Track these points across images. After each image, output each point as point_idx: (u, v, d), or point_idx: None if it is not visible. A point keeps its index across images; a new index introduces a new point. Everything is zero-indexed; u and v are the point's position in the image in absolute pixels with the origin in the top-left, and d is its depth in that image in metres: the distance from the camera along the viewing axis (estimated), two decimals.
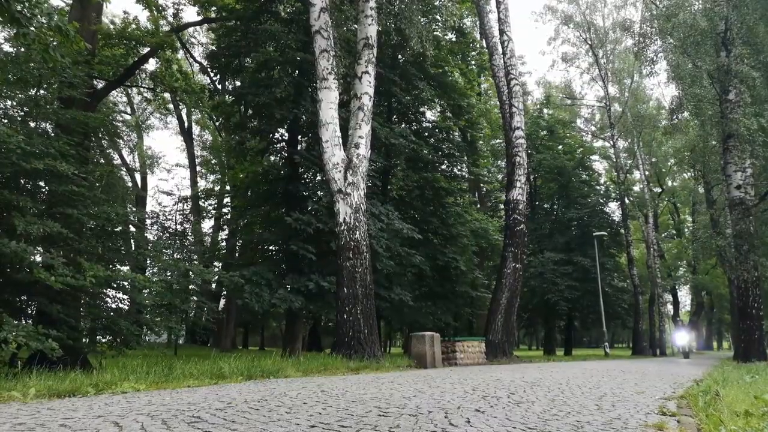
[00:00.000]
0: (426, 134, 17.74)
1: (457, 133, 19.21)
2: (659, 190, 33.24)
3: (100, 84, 12.43)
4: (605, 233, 24.67)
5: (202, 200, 24.16)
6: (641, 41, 18.83)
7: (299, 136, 14.91)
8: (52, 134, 8.60)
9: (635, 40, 20.29)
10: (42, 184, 8.54)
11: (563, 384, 4.33)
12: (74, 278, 6.84)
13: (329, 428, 1.92)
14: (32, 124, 8.99)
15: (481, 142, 22.07)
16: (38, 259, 7.08)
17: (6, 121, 8.60)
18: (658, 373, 6.98)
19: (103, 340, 9.19)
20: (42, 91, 9.40)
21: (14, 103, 8.96)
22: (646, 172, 28.76)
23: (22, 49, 8.57)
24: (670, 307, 37.04)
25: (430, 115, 19.44)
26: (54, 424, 1.88)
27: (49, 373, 4.15)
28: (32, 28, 5.72)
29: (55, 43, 6.24)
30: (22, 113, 8.96)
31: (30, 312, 8.42)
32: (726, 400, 3.47)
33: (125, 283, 8.84)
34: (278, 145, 15.57)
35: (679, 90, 15.98)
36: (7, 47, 11.06)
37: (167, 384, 3.66)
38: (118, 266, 9.80)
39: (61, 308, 7.38)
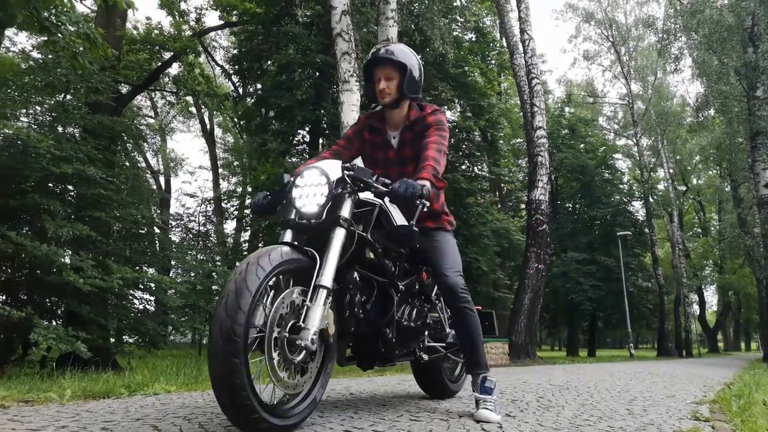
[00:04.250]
0: None
1: (476, 133, 19.14)
2: (684, 188, 32.70)
3: (125, 88, 12.66)
4: (629, 233, 24.32)
5: (225, 202, 24.41)
6: (665, 38, 18.57)
7: (320, 138, 15.02)
8: (80, 139, 8.78)
9: (659, 37, 20.00)
10: (70, 187, 8.72)
11: (591, 387, 4.29)
12: (103, 280, 6.99)
13: None
14: (60, 129, 9.19)
15: (501, 141, 21.95)
16: (67, 261, 7.23)
17: (36, 126, 8.80)
18: (686, 376, 6.87)
19: (131, 341, 9.37)
20: (69, 97, 9.60)
21: (43, 109, 9.16)
22: (671, 170, 28.29)
23: (50, 56, 8.77)
24: (696, 307, 36.41)
25: (450, 115, 19.39)
26: (95, 428, 1.93)
27: (82, 374, 4.24)
28: (59, 35, 5.83)
29: (81, 50, 6.36)
30: (50, 118, 9.16)
31: (59, 313, 8.61)
32: (760, 404, 3.41)
33: (151, 285, 9.01)
34: (299, 147, 15.69)
35: (705, 87, 15.71)
36: (35, 54, 11.34)
37: (197, 386, 3.71)
38: (145, 268, 9.97)
39: (91, 309, 7.54)
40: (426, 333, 2.83)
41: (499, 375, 5.85)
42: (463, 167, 18.40)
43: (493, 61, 21.20)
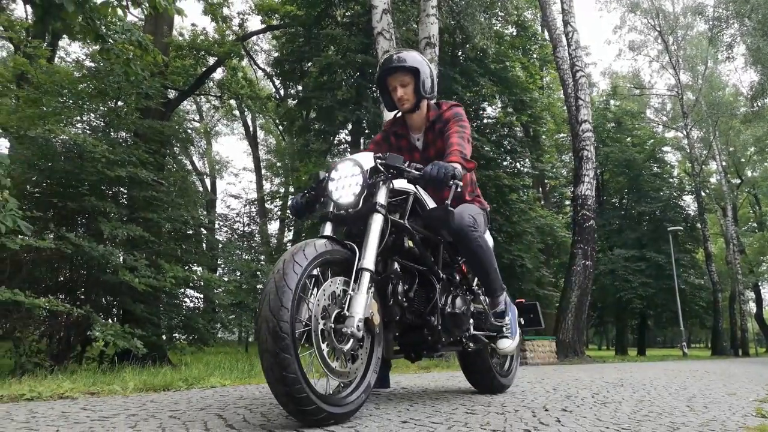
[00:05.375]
0: (487, 131, 17.52)
1: (518, 129, 18.85)
2: (738, 181, 31.37)
3: (172, 94, 13.06)
4: (680, 228, 23.50)
5: (268, 202, 24.84)
6: (716, 25, 17.88)
7: (361, 138, 15.11)
8: (131, 143, 9.11)
9: (709, 25, 19.25)
10: (123, 190, 9.06)
11: (647, 384, 4.18)
12: (156, 279, 7.23)
13: (421, 423, 1.95)
14: (113, 134, 9.55)
15: (544, 137, 21.58)
16: (121, 260, 7.50)
17: (90, 132, 9.18)
18: (745, 374, 6.61)
19: (182, 338, 9.67)
20: (120, 103, 9.96)
21: (97, 115, 9.54)
22: (724, 163, 27.25)
23: (101, 64, 9.13)
24: (752, 305, 34.95)
25: (491, 110, 19.19)
26: (164, 416, 2.00)
27: (141, 369, 4.41)
28: (111, 41, 6.04)
29: (131, 56, 6.59)
30: (103, 124, 9.54)
31: (115, 312, 8.95)
32: None
33: (201, 283, 9.27)
34: (341, 147, 15.82)
35: (760, 75, 15.06)
36: (88, 63, 11.82)
37: (251, 379, 3.80)
38: (194, 267, 10.26)
39: (145, 307, 7.81)
40: (471, 321, 2.80)
41: (547, 372, 5.77)
42: (506, 163, 18.15)
43: (534, 55, 20.86)
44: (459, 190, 2.20)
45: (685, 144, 26.97)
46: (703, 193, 25.34)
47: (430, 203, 2.55)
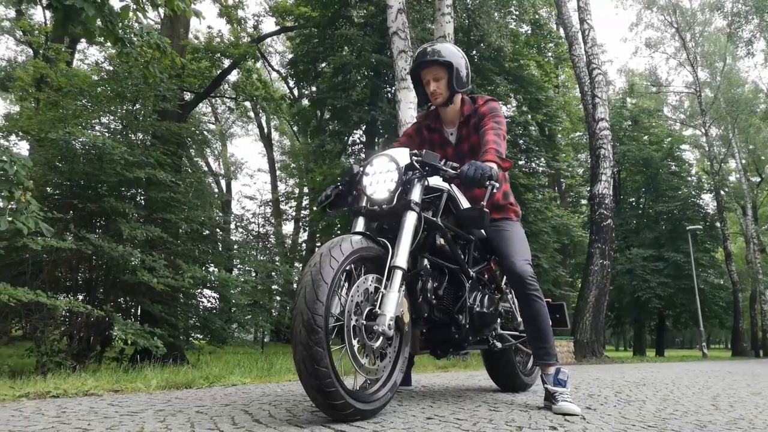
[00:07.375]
0: None
1: (533, 128, 18.74)
2: (758, 179, 30.87)
3: (188, 96, 13.16)
4: (699, 227, 23.15)
5: (283, 203, 24.94)
6: (735, 21, 17.62)
7: (376, 138, 15.13)
8: (150, 145, 9.19)
9: (728, 21, 18.96)
10: (141, 191, 9.14)
11: (670, 384, 4.13)
12: (174, 279, 7.29)
13: (445, 420, 1.94)
14: (132, 137, 9.65)
15: (560, 135, 21.44)
16: (138, 261, 7.55)
17: (108, 134, 9.28)
18: None
19: (200, 337, 9.73)
20: (137, 106, 10.06)
21: (115, 118, 9.65)
22: (743, 161, 26.84)
23: (120, 67, 9.22)
24: None
25: (506, 110, 19.10)
26: (191, 411, 2.02)
27: (162, 367, 4.45)
28: (129, 44, 6.10)
29: (149, 59, 6.63)
30: (120, 126, 9.64)
31: (134, 312, 9.02)
32: None
33: (217, 283, 9.32)
34: (355, 147, 15.85)
35: None
36: (106, 65, 11.96)
37: (270, 378, 3.82)
38: (211, 267, 10.32)
39: (163, 307, 7.88)
40: (498, 321, 2.79)
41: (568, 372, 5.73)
42: (521, 162, 18.06)
43: (550, 54, 20.73)
44: (495, 191, 2.15)
45: (703, 142, 26.60)
46: (722, 192, 24.97)
47: (464, 202, 2.53)
